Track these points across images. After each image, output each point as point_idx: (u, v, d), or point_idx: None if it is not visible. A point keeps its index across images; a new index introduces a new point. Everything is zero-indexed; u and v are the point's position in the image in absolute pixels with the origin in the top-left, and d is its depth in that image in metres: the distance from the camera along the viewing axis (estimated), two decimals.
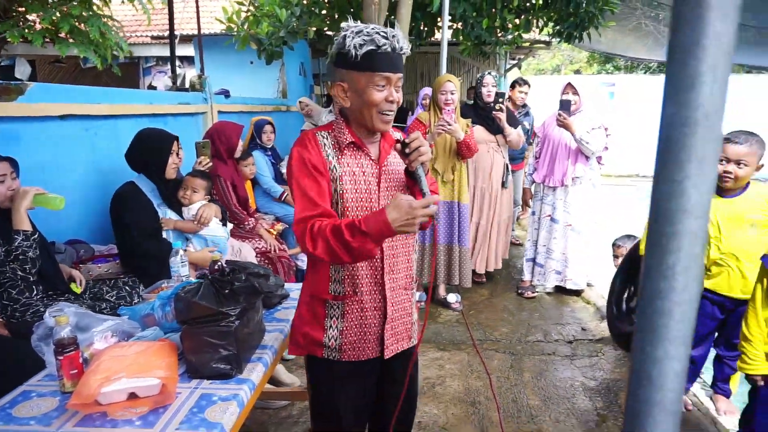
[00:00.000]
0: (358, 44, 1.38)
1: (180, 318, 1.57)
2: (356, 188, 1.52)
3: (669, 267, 0.50)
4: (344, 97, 1.49)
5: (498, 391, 2.85)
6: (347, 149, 1.53)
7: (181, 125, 4.19)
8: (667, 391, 0.52)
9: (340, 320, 1.59)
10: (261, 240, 3.59)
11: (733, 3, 0.45)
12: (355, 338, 1.60)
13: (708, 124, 0.47)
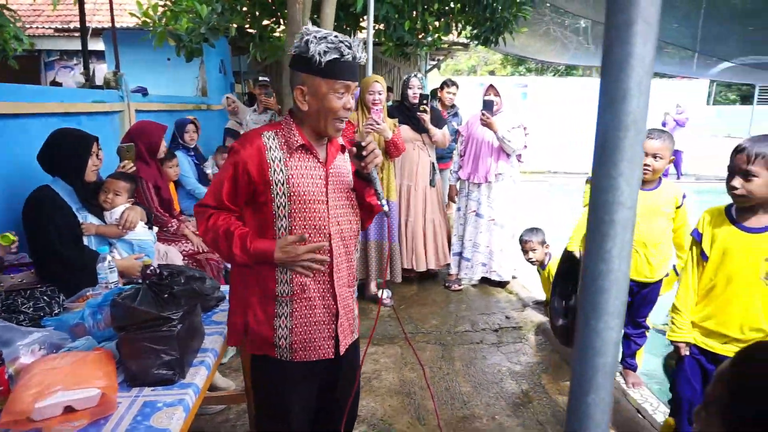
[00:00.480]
0: (323, 51, 1.43)
1: (117, 325, 1.52)
2: (305, 190, 1.56)
3: (607, 251, 0.59)
4: (302, 101, 1.53)
5: (431, 381, 2.97)
6: (296, 151, 1.56)
7: (97, 125, 3.95)
8: (608, 356, 0.61)
9: (289, 319, 1.63)
10: (188, 242, 3.48)
11: (654, 31, 0.55)
12: (306, 337, 1.64)
13: (636, 128, 0.56)
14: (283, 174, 1.54)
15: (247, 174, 1.53)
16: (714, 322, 2.03)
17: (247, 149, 1.53)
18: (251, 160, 1.53)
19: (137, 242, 2.79)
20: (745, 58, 9.95)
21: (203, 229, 1.59)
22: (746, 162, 1.86)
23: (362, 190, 1.70)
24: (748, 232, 1.93)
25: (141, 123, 3.53)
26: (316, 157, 1.60)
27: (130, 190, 2.85)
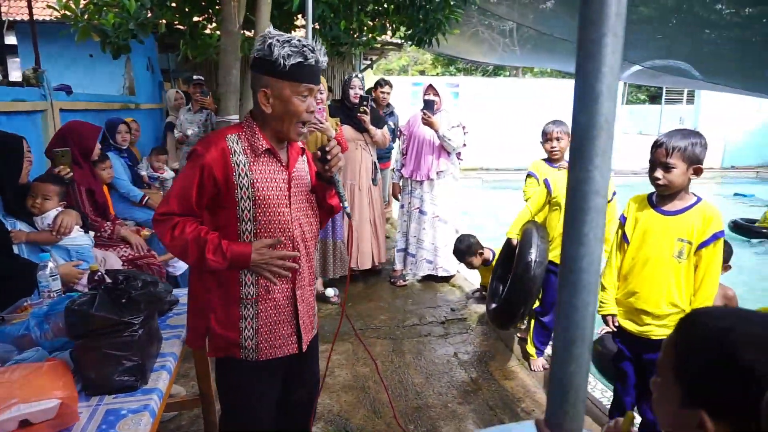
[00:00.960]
0: (287, 54, 1.45)
1: (74, 333, 1.47)
2: (269, 194, 1.58)
3: (584, 235, 0.67)
4: (266, 104, 1.53)
5: (384, 375, 3.03)
6: (261, 156, 1.57)
7: (16, 125, 3.70)
8: (586, 329, 0.69)
9: (255, 320, 1.64)
10: (126, 247, 3.35)
11: (620, 42, 0.63)
12: (271, 336, 1.67)
13: (607, 127, 0.64)
14: (248, 178, 1.54)
15: (212, 178, 1.52)
16: (636, 298, 2.24)
17: (211, 153, 1.52)
18: (216, 164, 1.51)
19: (74, 248, 2.66)
20: (652, 61, 10.80)
21: (169, 238, 1.53)
22: (665, 155, 2.07)
23: (323, 192, 1.74)
24: (666, 215, 2.15)
25: (72, 123, 3.35)
26: (279, 161, 1.61)
27: (60, 193, 2.70)
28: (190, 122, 5.14)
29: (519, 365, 3.15)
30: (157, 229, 1.56)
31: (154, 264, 3.38)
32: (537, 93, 13.43)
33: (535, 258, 2.76)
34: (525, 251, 2.80)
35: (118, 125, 4.32)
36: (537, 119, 12.97)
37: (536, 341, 3.07)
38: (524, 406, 2.73)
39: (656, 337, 2.24)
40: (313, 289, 1.82)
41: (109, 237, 3.34)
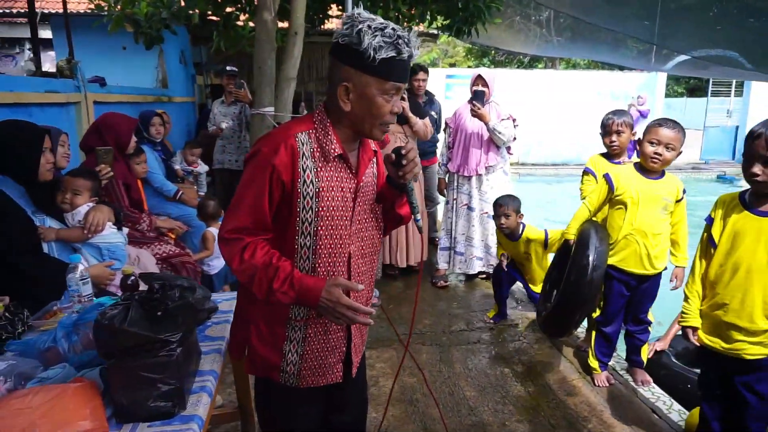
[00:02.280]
0: (378, 46, 1.21)
1: (103, 351, 1.27)
2: (333, 205, 1.35)
3: None
4: (345, 100, 1.30)
5: (433, 386, 2.80)
6: (331, 161, 1.34)
7: (50, 117, 3.59)
8: None
9: (301, 344, 1.44)
10: (160, 245, 3.19)
11: None
12: (317, 363, 1.47)
13: None
14: (314, 186, 1.32)
15: (280, 184, 1.30)
16: (724, 311, 1.96)
17: (280, 154, 1.28)
18: (284, 168, 1.29)
19: (106, 246, 2.50)
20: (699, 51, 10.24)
21: (237, 262, 1.31)
22: (766, 148, 1.79)
23: (393, 199, 1.49)
24: (763, 216, 1.86)
25: (107, 116, 3.20)
26: (349, 167, 1.38)
27: (93, 188, 2.54)
28: (224, 115, 4.98)
29: (580, 379, 2.88)
30: (225, 250, 1.34)
31: (189, 263, 3.21)
32: (572, 85, 12.96)
33: (592, 261, 2.48)
34: (581, 253, 2.52)
35: (152, 118, 4.18)
36: (574, 112, 12.52)
37: (598, 354, 2.79)
38: (591, 427, 2.45)
39: (750, 357, 1.95)
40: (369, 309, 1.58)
41: (146, 233, 3.19)
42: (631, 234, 2.52)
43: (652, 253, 2.54)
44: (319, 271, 1.38)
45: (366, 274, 1.51)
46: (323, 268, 1.39)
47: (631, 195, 2.51)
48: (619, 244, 2.56)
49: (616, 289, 2.62)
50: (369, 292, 1.56)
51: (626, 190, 2.52)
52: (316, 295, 1.29)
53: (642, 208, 2.49)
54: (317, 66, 9.93)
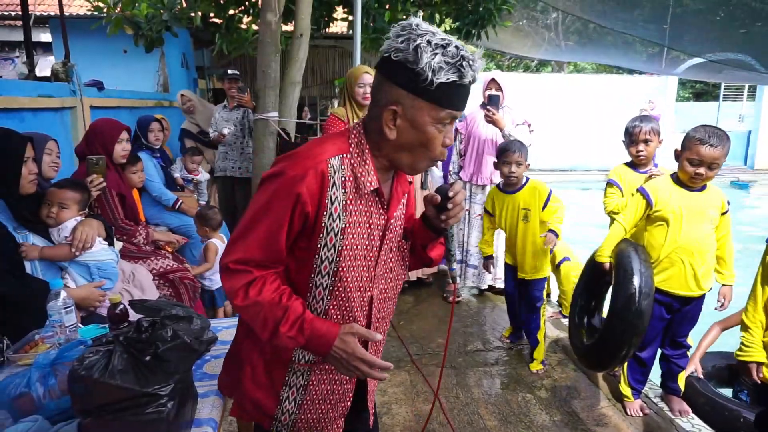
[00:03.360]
0: (438, 67, 1.00)
1: (80, 407, 1.07)
2: (358, 243, 1.15)
3: None
4: (391, 126, 1.08)
5: (450, 414, 2.59)
6: (365, 195, 1.14)
7: (43, 123, 3.41)
8: None
9: (302, 392, 1.25)
10: (157, 259, 2.99)
11: None
12: (315, 417, 1.28)
13: None
14: (341, 221, 1.11)
15: (304, 215, 1.09)
16: None
17: (308, 181, 1.07)
18: (311, 198, 1.07)
19: (95, 264, 2.30)
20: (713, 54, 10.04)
21: (241, 298, 1.10)
22: None
23: (426, 242, 1.29)
24: None
25: (97, 122, 3.00)
26: (381, 203, 1.17)
27: (81, 201, 2.33)
28: (227, 120, 4.78)
29: (610, 407, 2.66)
30: (228, 283, 1.12)
31: (188, 278, 3.02)
32: (581, 89, 12.76)
33: (639, 288, 2.23)
34: (626, 279, 2.27)
35: (151, 123, 3.98)
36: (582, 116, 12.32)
37: (631, 380, 2.57)
38: None
39: None
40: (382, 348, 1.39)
41: (144, 243, 3.00)
42: (675, 252, 2.31)
43: (698, 272, 2.32)
44: (332, 315, 1.18)
45: (385, 320, 1.32)
46: (338, 312, 1.19)
47: (673, 210, 2.29)
48: (661, 264, 2.34)
49: (656, 312, 2.39)
50: (385, 339, 1.36)
51: (666, 204, 2.31)
52: (329, 343, 1.08)
53: (686, 224, 2.27)
54: (321, 70, 9.76)
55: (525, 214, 2.97)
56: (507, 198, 3.04)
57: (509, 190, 3.04)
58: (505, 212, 3.05)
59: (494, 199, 3.12)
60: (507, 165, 2.94)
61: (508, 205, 3.04)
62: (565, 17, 9.83)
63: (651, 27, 8.37)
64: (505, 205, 3.05)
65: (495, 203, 3.12)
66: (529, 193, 2.97)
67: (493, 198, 3.13)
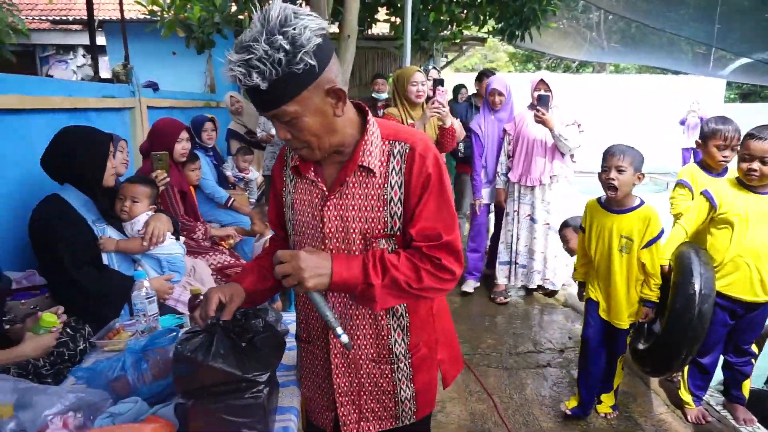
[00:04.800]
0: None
1: (183, 387, 1.12)
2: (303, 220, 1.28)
3: None
4: None
5: (505, 414, 2.58)
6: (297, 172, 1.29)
7: (106, 122, 3.54)
8: None
9: (300, 363, 1.41)
10: (215, 255, 3.08)
11: None
12: (310, 393, 1.38)
13: None
14: (290, 197, 1.27)
15: (275, 189, 1.34)
16: None
17: (276, 163, 1.33)
18: (277, 176, 1.32)
19: (166, 257, 2.39)
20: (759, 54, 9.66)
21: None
22: None
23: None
24: None
25: (158, 122, 3.12)
26: (314, 181, 1.21)
27: (151, 196, 2.43)
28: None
29: (669, 413, 2.61)
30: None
31: None
32: (623, 89, 12.48)
33: (699, 290, 2.18)
34: (685, 281, 2.22)
35: (204, 123, 4.10)
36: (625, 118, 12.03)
37: (692, 387, 2.51)
38: None
39: None
40: (389, 368, 1.26)
41: (202, 239, 3.09)
42: (741, 256, 2.25)
43: (765, 277, 2.26)
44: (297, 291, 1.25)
45: (364, 321, 1.23)
46: None
47: (738, 212, 2.23)
48: (725, 268, 2.29)
49: (719, 317, 2.33)
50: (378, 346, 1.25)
51: (731, 207, 2.25)
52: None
53: (752, 227, 2.21)
54: (361, 71, 9.82)
55: (625, 244, 2.32)
56: (606, 217, 2.38)
57: (612, 208, 2.37)
58: (597, 233, 2.40)
59: (591, 214, 2.45)
60: (605, 170, 2.28)
61: (604, 226, 2.37)
62: (606, 16, 9.65)
63: (698, 26, 8.13)
64: (600, 224, 2.40)
65: (590, 219, 2.45)
66: (639, 220, 2.30)
67: (591, 212, 2.45)
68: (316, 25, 0.98)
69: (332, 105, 1.07)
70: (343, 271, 1.08)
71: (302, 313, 1.33)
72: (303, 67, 0.97)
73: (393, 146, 1.16)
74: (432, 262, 1.14)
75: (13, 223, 2.34)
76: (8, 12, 6.17)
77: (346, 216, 1.16)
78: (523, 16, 6.23)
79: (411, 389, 1.28)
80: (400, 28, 6.04)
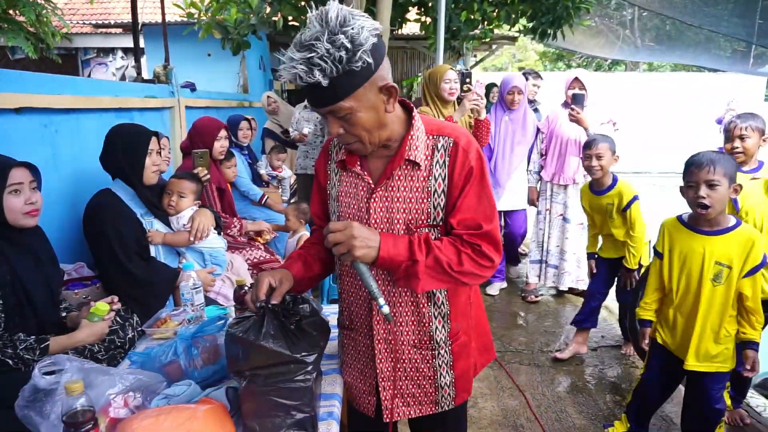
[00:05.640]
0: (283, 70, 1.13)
1: (236, 368, 1.18)
2: (349, 212, 1.33)
3: None
4: None
5: (537, 411, 2.59)
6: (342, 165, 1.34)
7: (148, 121, 3.68)
8: None
9: (342, 352, 1.46)
10: (251, 250, 3.17)
11: None
12: (352, 380, 1.42)
13: None
14: (335, 189, 1.34)
15: (318, 185, 1.40)
16: None
17: (320, 157, 1.39)
18: (320, 170, 1.38)
19: (209, 251, 2.48)
20: None
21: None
22: None
23: None
24: None
25: (198, 121, 3.22)
26: (360, 175, 1.27)
27: (197, 191, 2.53)
28: (307, 120, 4.96)
29: None
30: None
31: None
32: (657, 88, 12.20)
33: None
34: None
35: (240, 122, 4.22)
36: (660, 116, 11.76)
37: (731, 390, 2.47)
38: None
39: None
40: (431, 354, 1.31)
41: (238, 234, 3.18)
42: None
43: None
44: (342, 279, 1.36)
45: (407, 308, 1.29)
46: (346, 278, 1.35)
47: (754, 219, 2.18)
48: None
49: None
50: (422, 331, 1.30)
51: (751, 211, 2.20)
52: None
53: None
54: (393, 71, 9.86)
55: (720, 271, 2.10)
56: (693, 239, 2.20)
57: (701, 229, 2.18)
58: (681, 259, 2.22)
59: (671, 236, 2.21)
60: (692, 187, 2.01)
61: (692, 250, 2.20)
62: (641, 13, 9.45)
63: (737, 21, 7.90)
64: (685, 248, 2.22)
65: (670, 242, 2.22)
66: (738, 243, 2.10)
67: (670, 234, 2.22)
68: (371, 25, 1.04)
69: (384, 101, 1.13)
70: (390, 248, 1.14)
71: (346, 301, 1.37)
72: (361, 65, 1.03)
73: (437, 141, 1.21)
74: (473, 248, 1.19)
75: (67, 217, 2.46)
76: (53, 14, 6.42)
77: (392, 207, 1.22)
78: (555, 14, 6.17)
79: (451, 375, 1.33)
80: (431, 28, 6.06)
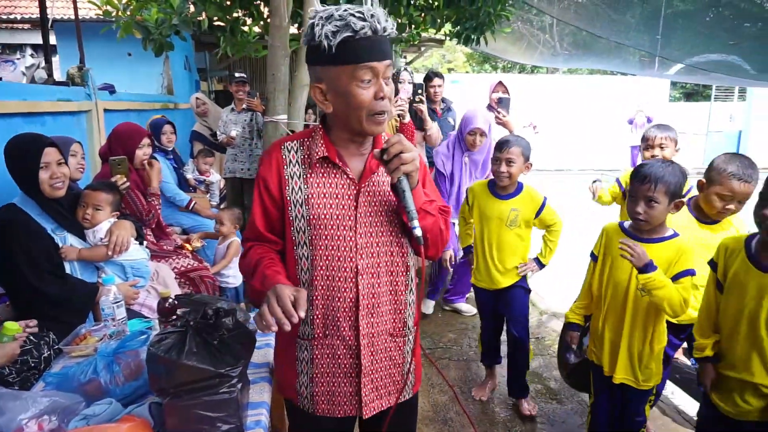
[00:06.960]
0: (330, 32, 1.11)
1: (158, 386, 1.17)
2: (326, 213, 1.26)
3: None
4: (324, 101, 1.22)
5: (466, 404, 2.71)
6: (319, 166, 1.27)
7: (62, 126, 3.49)
8: None
9: (310, 366, 1.33)
10: (178, 258, 3.08)
11: None
12: (328, 389, 1.34)
13: None
14: (302, 193, 1.26)
15: (269, 194, 1.30)
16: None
17: (265, 164, 1.31)
18: (270, 177, 1.29)
19: (130, 264, 2.39)
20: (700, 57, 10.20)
21: (241, 264, 1.38)
22: None
23: (398, 208, 1.29)
24: None
25: (118, 127, 3.09)
26: (344, 171, 1.27)
27: (114, 202, 2.42)
28: (234, 123, 4.88)
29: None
30: None
31: (208, 277, 3.12)
32: (574, 89, 12.94)
33: None
34: None
35: (163, 125, 4.07)
36: (577, 117, 12.47)
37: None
38: None
39: None
40: (402, 341, 1.36)
41: (152, 218, 3.05)
42: None
43: None
44: (317, 285, 1.27)
45: (386, 297, 1.31)
46: (323, 282, 1.27)
47: None
48: None
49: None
50: (396, 321, 1.34)
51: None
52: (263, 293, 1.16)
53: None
54: None
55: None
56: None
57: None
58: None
59: (609, 241, 2.02)
60: (633, 201, 1.88)
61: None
62: (559, 21, 9.97)
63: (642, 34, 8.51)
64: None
65: (606, 246, 2.03)
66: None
67: (608, 239, 2.02)
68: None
69: None
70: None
71: (318, 308, 1.29)
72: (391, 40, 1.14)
73: None
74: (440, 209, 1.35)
75: None
76: None
77: (382, 201, 1.28)
78: (479, 21, 6.40)
79: (413, 362, 1.37)
80: None
